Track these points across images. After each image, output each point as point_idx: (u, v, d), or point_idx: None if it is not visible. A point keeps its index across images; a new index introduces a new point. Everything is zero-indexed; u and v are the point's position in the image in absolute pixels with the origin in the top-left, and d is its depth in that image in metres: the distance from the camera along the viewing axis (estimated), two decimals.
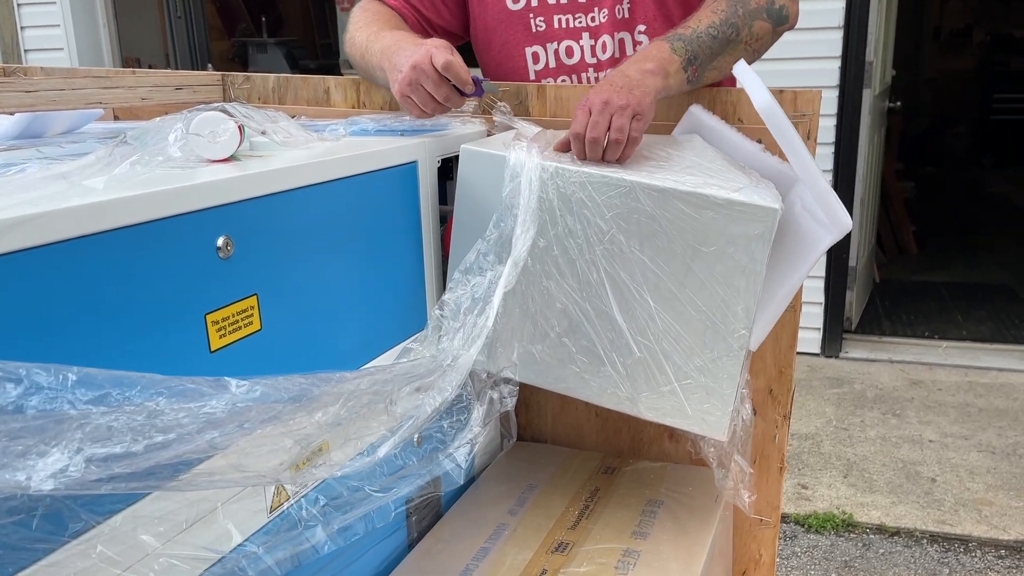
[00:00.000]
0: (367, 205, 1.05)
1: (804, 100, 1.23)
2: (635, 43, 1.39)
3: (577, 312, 1.11)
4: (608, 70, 1.37)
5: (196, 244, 0.78)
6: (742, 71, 1.14)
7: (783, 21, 1.27)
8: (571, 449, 1.48)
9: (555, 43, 1.40)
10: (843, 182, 3.73)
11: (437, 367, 0.91)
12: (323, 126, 1.18)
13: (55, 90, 1.30)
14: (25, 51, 4.71)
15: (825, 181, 1.10)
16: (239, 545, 0.83)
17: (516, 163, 1.08)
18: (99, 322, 0.69)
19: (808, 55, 3.52)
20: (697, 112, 1.24)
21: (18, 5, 4.66)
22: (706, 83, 1.24)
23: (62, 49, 4.65)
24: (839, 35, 3.61)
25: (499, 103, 1.25)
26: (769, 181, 1.11)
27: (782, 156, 1.16)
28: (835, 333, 3.92)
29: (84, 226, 0.67)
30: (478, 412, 1.02)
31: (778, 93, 1.24)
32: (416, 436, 1.12)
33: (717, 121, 1.23)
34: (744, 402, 1.14)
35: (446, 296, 1.03)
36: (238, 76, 1.56)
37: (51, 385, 0.55)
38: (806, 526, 2.64)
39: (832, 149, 3.71)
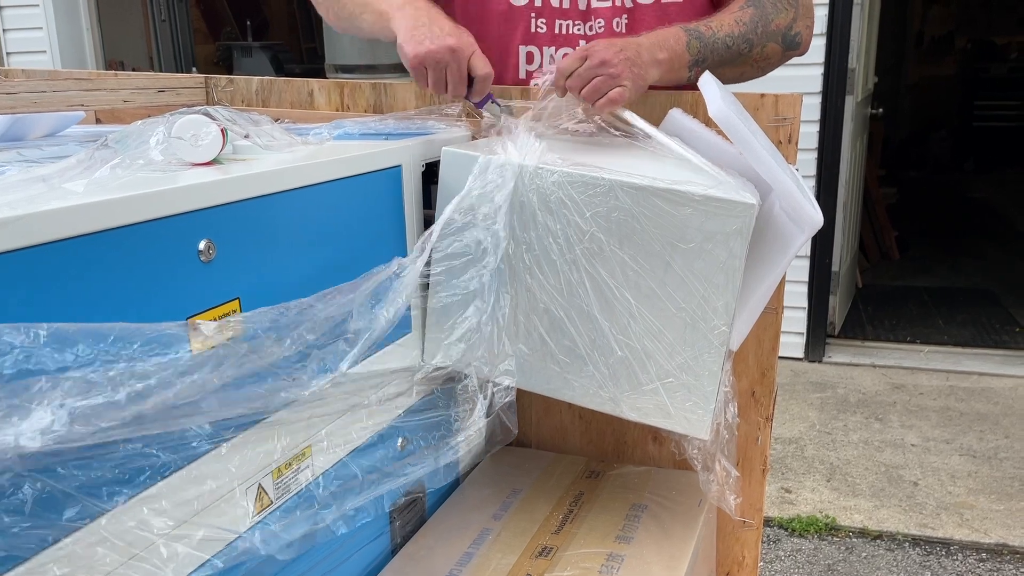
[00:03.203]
0: (351, 209, 1.05)
1: (784, 104, 1.25)
2: None
3: (559, 312, 1.11)
4: None
5: (177, 248, 0.78)
6: (703, 80, 1.15)
7: (794, 47, 1.31)
8: (556, 454, 1.48)
9: (552, 48, 1.40)
10: (826, 188, 3.76)
11: (389, 277, 0.99)
12: (307, 130, 1.18)
13: (36, 92, 1.29)
14: (7, 54, 4.68)
15: (792, 180, 1.10)
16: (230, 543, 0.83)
17: (495, 161, 1.09)
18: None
19: (791, 62, 3.54)
20: (677, 116, 1.25)
21: (0, 8, 4.62)
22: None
23: (45, 52, 4.62)
24: (822, 42, 3.64)
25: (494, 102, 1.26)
26: (747, 180, 1.12)
27: None
28: (818, 338, 3.94)
29: (63, 229, 0.66)
30: (481, 406, 1.08)
31: (759, 98, 1.25)
32: (400, 440, 1.12)
33: (697, 124, 1.24)
34: (728, 403, 1.14)
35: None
36: (221, 79, 1.55)
37: (23, 344, 0.55)
38: (789, 530, 2.66)
39: (815, 155, 3.74)
